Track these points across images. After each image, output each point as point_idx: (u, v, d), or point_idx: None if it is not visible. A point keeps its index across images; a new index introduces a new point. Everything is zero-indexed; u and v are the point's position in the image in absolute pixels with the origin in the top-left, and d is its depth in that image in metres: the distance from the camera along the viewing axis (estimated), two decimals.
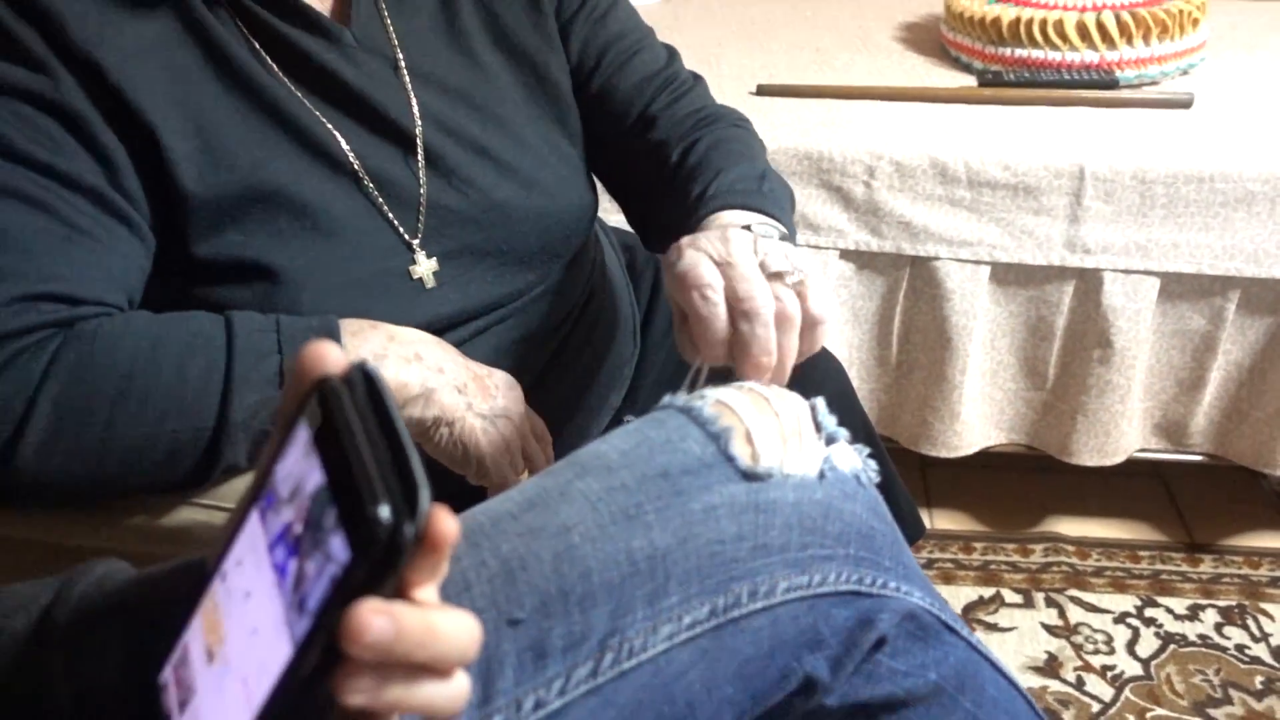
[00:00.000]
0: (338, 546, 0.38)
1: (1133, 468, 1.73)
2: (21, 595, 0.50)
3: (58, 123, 0.72)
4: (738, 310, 0.69)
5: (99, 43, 0.74)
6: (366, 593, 0.37)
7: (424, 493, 0.37)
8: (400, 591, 0.39)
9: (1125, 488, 1.77)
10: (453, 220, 0.86)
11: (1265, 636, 1.52)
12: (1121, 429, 1.55)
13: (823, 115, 1.56)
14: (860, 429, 1.10)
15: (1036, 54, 1.65)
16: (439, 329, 0.84)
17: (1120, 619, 1.55)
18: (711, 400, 0.64)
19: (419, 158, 0.85)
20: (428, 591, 0.39)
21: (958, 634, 0.65)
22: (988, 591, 1.60)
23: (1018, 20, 1.65)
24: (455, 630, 0.39)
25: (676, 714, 0.56)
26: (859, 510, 0.63)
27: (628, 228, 1.08)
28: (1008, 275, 1.50)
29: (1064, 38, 1.63)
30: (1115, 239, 1.46)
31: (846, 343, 1.57)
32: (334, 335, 0.73)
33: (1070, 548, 1.67)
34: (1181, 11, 1.65)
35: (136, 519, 0.72)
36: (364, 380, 0.41)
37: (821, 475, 0.63)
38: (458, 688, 0.40)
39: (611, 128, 0.97)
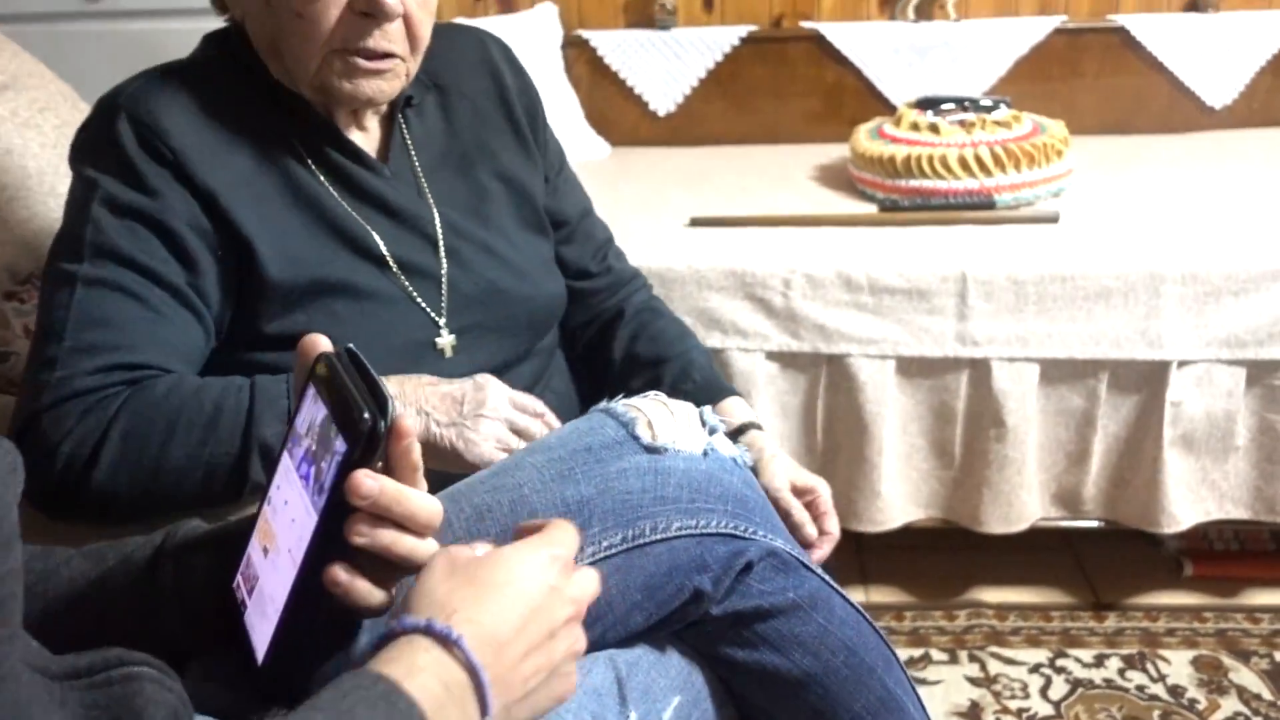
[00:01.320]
0: (339, 444, 0.60)
1: (1044, 541, 1.94)
2: (140, 539, 0.71)
3: (155, 235, 0.98)
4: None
5: (210, 175, 1.00)
6: (360, 466, 0.60)
7: (391, 405, 0.60)
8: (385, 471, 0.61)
9: (1039, 560, 1.98)
10: (466, 303, 1.12)
11: (1163, 678, 1.71)
12: (1023, 499, 1.77)
13: (747, 240, 1.82)
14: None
15: (927, 184, 1.94)
16: None
17: (1034, 669, 1.74)
18: (623, 403, 0.87)
19: (441, 255, 1.11)
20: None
21: (813, 571, 0.85)
22: (917, 651, 1.78)
23: (909, 157, 1.95)
24: (422, 501, 0.62)
25: (599, 610, 0.77)
26: (735, 482, 0.85)
27: None
28: (910, 367, 1.75)
29: (949, 169, 1.93)
30: (997, 332, 1.71)
31: (777, 433, 1.80)
32: None
33: (990, 612, 1.87)
34: (1046, 145, 1.95)
35: None
36: (347, 352, 0.65)
37: (705, 454, 0.85)
38: (428, 545, 0.63)
39: (564, 272, 1.27)
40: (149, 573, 0.69)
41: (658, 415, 0.86)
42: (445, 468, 0.92)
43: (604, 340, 1.30)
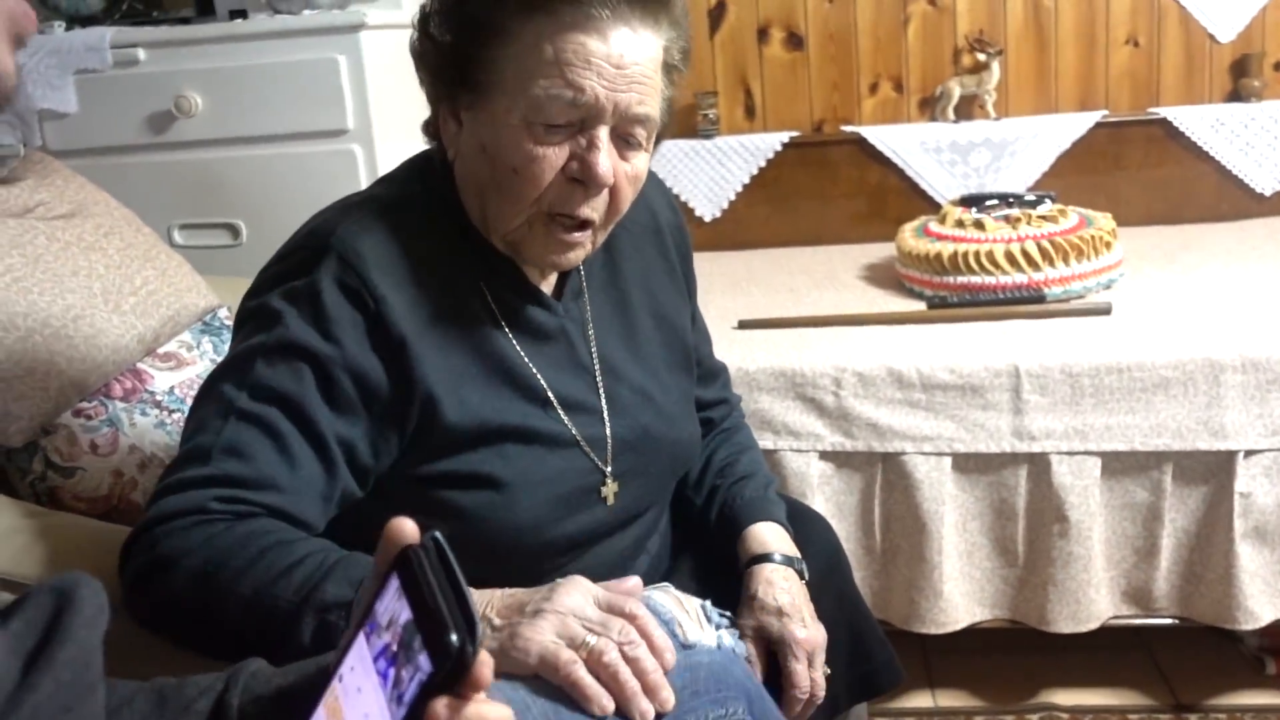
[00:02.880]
0: (423, 661, 0.58)
1: (1117, 640, 1.88)
2: (201, 683, 0.70)
3: (318, 381, 0.97)
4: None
5: (404, 322, 1.00)
6: (443, 690, 0.58)
7: (480, 627, 0.58)
8: (464, 694, 0.60)
9: (1113, 660, 1.91)
10: (625, 448, 1.13)
11: None
12: (1090, 597, 1.72)
13: (795, 340, 1.83)
14: (845, 579, 1.32)
15: (975, 279, 1.94)
16: (604, 534, 1.13)
17: None
18: (658, 596, 0.97)
19: (601, 398, 1.13)
20: (480, 696, 0.61)
21: None
22: None
23: (956, 253, 1.95)
24: (495, 717, 0.61)
25: None
26: (740, 673, 0.96)
27: None
28: (967, 464, 1.72)
29: (996, 265, 1.93)
30: (1055, 425, 1.69)
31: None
32: None
33: (1064, 715, 1.80)
34: (1094, 237, 1.94)
35: None
36: (434, 545, 0.63)
37: (718, 645, 0.95)
38: None
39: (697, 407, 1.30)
40: None
41: (679, 612, 0.96)
42: (510, 674, 0.87)
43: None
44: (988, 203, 2.10)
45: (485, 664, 0.60)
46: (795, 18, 2.49)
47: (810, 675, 1.14)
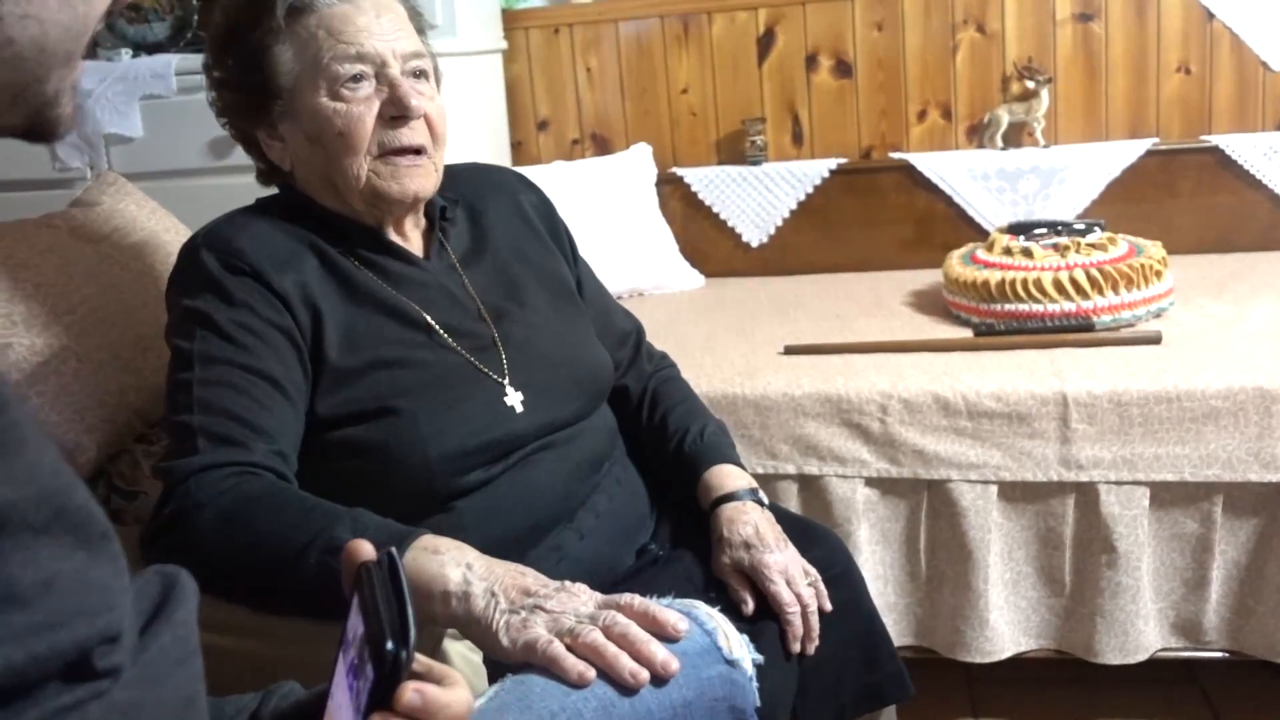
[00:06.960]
0: (370, 671, 0.63)
1: (1166, 673, 1.86)
2: (239, 702, 0.74)
3: (252, 337, 1.10)
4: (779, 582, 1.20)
5: (282, 281, 1.14)
6: (388, 694, 0.63)
7: (413, 633, 0.62)
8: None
9: (1162, 691, 1.89)
10: (521, 363, 1.22)
11: None
12: (1139, 628, 1.71)
13: (841, 367, 1.84)
14: (859, 592, 1.33)
15: (1023, 307, 1.94)
16: (527, 442, 1.19)
17: None
18: (705, 612, 0.98)
19: (487, 323, 1.24)
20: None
21: None
22: None
23: (1004, 281, 1.95)
24: (453, 700, 0.65)
25: None
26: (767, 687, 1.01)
27: None
28: (1014, 492, 1.72)
29: (1044, 292, 1.93)
30: (1103, 455, 1.69)
31: (880, 561, 1.78)
32: (405, 539, 0.97)
33: None
34: (1144, 265, 1.94)
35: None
36: (387, 559, 0.68)
37: (754, 667, 0.99)
38: None
39: None
40: None
41: (722, 625, 0.99)
42: (493, 654, 0.93)
43: (639, 416, 1.42)
44: (1036, 230, 2.10)
45: (410, 688, 0.64)
46: (844, 45, 2.51)
47: (794, 591, 1.20)
